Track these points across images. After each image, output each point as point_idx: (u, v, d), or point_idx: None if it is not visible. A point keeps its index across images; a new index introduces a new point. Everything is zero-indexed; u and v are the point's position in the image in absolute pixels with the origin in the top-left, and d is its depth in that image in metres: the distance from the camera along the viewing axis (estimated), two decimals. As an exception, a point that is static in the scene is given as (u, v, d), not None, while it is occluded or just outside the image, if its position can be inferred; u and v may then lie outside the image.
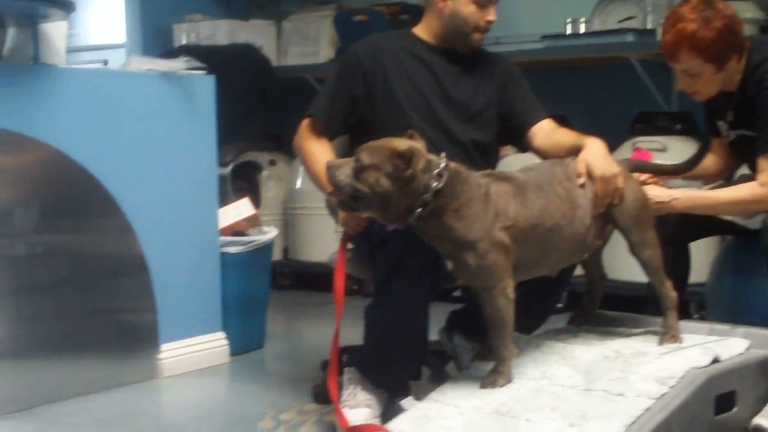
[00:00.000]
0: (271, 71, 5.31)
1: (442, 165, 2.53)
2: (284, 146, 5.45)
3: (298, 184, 5.25)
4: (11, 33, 3.42)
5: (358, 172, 2.51)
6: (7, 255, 3.05)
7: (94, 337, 3.32)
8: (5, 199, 3.05)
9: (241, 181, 5.01)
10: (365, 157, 2.52)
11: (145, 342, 3.47)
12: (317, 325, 4.49)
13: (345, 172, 2.53)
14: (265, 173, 5.36)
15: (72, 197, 3.23)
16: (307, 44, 5.42)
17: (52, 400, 3.16)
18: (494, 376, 2.64)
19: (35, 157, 3.15)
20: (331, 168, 2.56)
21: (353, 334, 2.89)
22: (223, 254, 3.71)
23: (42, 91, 3.14)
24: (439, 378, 2.99)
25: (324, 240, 5.03)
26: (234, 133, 4.24)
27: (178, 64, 3.52)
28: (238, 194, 4.64)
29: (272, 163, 5.43)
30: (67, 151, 3.19)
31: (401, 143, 2.54)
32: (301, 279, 5.37)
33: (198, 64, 3.60)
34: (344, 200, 2.59)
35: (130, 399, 3.25)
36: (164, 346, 3.52)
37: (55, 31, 3.36)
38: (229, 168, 4.84)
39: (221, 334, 3.73)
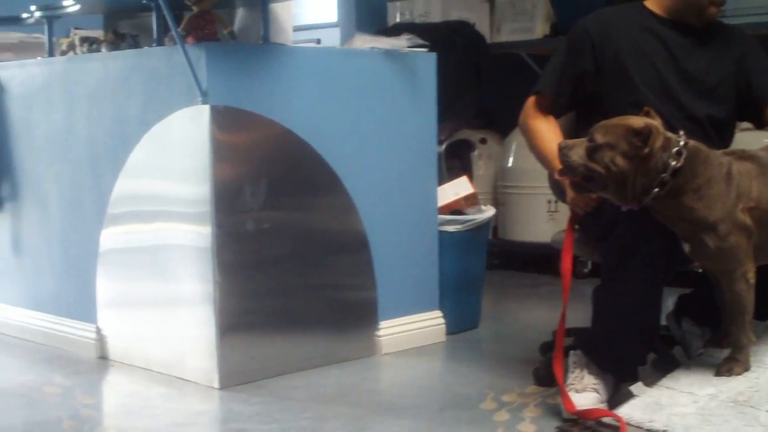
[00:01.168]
0: (485, 48, 5.24)
1: (681, 143, 2.44)
2: (495, 124, 5.41)
3: (510, 162, 5.18)
4: (241, 13, 3.50)
5: (592, 151, 2.45)
6: (237, 231, 3.13)
7: (316, 312, 3.37)
8: (236, 177, 3.13)
9: (454, 159, 5.00)
10: (600, 136, 2.45)
11: (365, 319, 3.50)
12: (530, 306, 4.44)
13: (578, 152, 2.48)
14: (476, 152, 5.32)
15: (298, 175, 3.28)
16: (522, 20, 5.32)
17: (277, 374, 3.23)
18: (731, 364, 2.54)
19: (264, 135, 3.21)
20: (563, 148, 2.51)
21: (573, 316, 2.82)
22: (441, 232, 3.69)
23: (271, 69, 3.20)
24: (665, 364, 2.88)
25: (535, 219, 4.97)
26: (447, 111, 4.20)
27: (400, 42, 3.52)
28: (451, 173, 4.63)
29: (483, 141, 5.38)
30: (295, 129, 3.24)
31: (637, 121, 2.46)
32: (510, 259, 5.31)
33: (420, 41, 3.59)
34: (576, 181, 2.53)
35: (349, 375, 3.29)
36: (383, 324, 3.54)
37: (283, 11, 3.42)
38: (443, 146, 4.83)
39: (438, 313, 3.73)
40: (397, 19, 5.55)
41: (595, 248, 2.84)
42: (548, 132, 2.85)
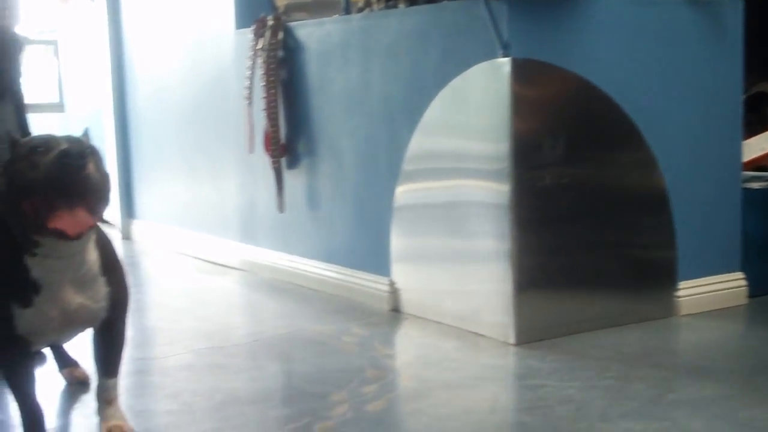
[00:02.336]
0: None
1: None
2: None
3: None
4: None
5: None
6: (534, 186, 3.09)
7: (613, 271, 3.28)
8: (534, 132, 3.08)
9: (751, 113, 4.73)
10: None
11: (663, 279, 3.38)
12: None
13: None
14: (772, 106, 5.03)
15: (597, 128, 3.20)
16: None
17: (572, 332, 3.18)
18: None
19: (563, 88, 3.14)
20: None
21: None
22: (744, 189, 3.50)
23: (572, 21, 3.12)
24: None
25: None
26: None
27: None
28: (748, 128, 4.38)
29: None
30: (595, 81, 3.15)
31: None
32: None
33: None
34: None
35: (649, 335, 3.19)
36: (682, 284, 3.41)
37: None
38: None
39: (740, 275, 3.55)
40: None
41: None
42: None
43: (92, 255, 2.15)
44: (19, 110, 2.89)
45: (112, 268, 2.22)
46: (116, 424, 2.32)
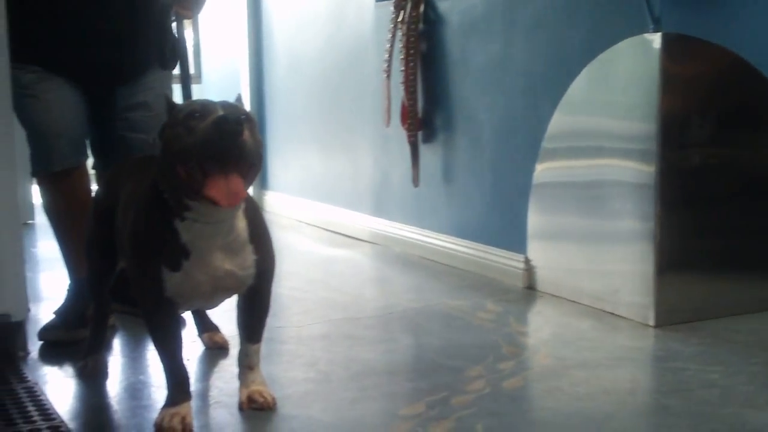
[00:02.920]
0: None
1: None
2: None
3: None
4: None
5: None
6: (681, 167, 3.00)
7: (759, 255, 3.18)
8: (683, 110, 2.99)
9: None
10: None
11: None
12: None
13: None
14: None
15: (750, 108, 3.09)
16: None
17: (714, 316, 3.10)
18: None
19: (715, 65, 3.04)
20: None
21: None
22: None
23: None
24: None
25: None
26: None
27: None
28: None
29: None
30: (749, 59, 3.04)
31: None
32: None
33: None
34: None
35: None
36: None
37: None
38: None
39: None
40: None
41: None
42: None
43: (241, 222, 2.18)
44: (184, 80, 2.94)
45: (260, 235, 2.24)
46: (257, 389, 2.35)
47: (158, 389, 2.46)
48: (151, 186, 2.16)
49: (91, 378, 2.61)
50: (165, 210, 2.12)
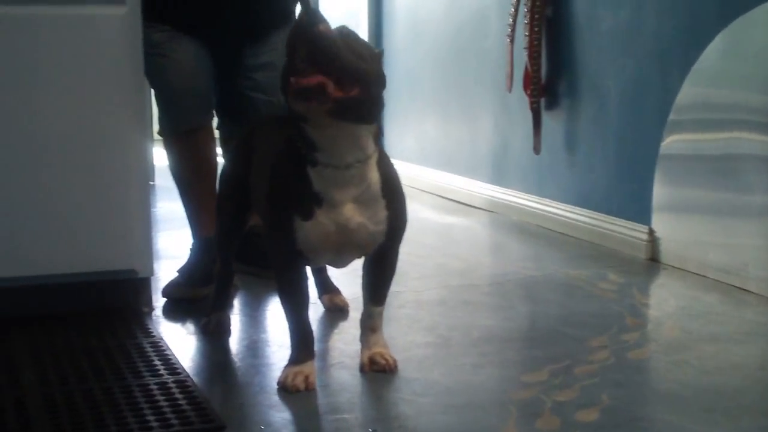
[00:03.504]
0: None
1: None
2: None
3: None
4: None
5: None
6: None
7: None
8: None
9: None
10: None
11: None
12: None
13: None
14: None
15: None
16: None
17: None
18: None
19: None
20: None
21: None
22: None
23: None
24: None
25: None
26: None
27: None
28: None
29: None
30: None
31: None
32: None
33: None
34: None
35: None
36: None
37: None
38: None
39: None
40: None
41: None
42: None
43: (373, 174, 2.16)
44: None
45: (393, 192, 2.22)
46: (379, 351, 2.35)
47: (280, 348, 2.48)
48: (285, 140, 2.17)
49: (214, 335, 2.65)
50: (298, 160, 2.12)
